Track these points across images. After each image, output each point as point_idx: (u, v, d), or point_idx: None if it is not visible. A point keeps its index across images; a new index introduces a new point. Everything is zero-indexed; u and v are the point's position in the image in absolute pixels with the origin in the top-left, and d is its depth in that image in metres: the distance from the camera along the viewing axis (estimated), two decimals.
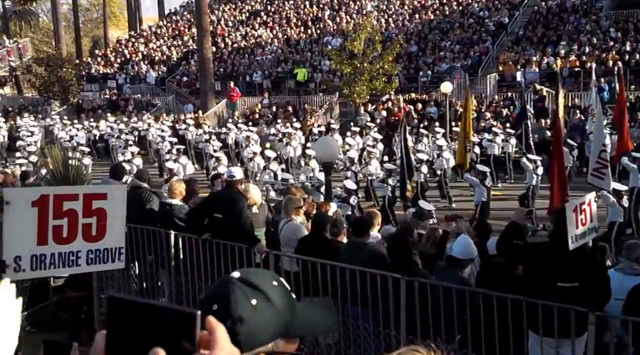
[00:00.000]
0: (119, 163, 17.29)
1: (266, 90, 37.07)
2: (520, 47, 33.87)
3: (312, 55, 40.12)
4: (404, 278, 7.02)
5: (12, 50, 50.92)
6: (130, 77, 44.13)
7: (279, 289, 1.81)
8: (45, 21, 74.83)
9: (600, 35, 32.53)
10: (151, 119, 34.51)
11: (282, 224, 9.23)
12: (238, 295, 1.73)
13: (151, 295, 9.29)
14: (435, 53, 35.74)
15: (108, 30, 63.52)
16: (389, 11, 43.17)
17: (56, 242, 5.54)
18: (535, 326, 6.47)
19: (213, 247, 8.46)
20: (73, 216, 5.64)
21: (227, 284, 1.77)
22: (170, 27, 52.01)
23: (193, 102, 38.67)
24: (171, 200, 9.66)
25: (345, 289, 7.40)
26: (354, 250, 7.98)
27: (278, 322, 1.75)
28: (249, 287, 1.75)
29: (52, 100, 42.63)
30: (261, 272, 1.90)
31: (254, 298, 1.74)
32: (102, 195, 5.89)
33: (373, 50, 31.41)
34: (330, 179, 12.51)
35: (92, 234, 5.77)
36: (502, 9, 38.27)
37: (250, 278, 1.79)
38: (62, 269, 5.76)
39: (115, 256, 5.99)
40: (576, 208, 6.80)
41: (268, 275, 1.86)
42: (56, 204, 5.51)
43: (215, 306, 1.71)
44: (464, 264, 7.83)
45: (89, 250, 5.79)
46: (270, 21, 47.02)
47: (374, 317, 7.39)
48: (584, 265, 6.63)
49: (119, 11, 76.12)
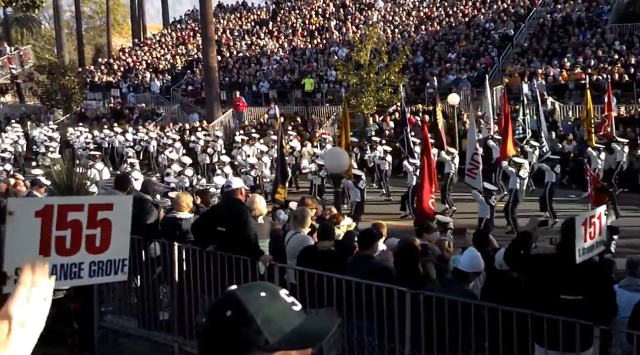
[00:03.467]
0: (124, 174, 17.27)
1: (273, 101, 37.05)
2: (525, 59, 33.83)
3: (318, 65, 40.14)
4: (409, 291, 6.96)
5: (14, 57, 50.83)
6: (134, 86, 44.15)
7: (264, 300, 1.78)
8: (47, 28, 75.04)
9: (606, 48, 32.48)
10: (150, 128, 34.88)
11: (289, 236, 9.12)
12: (245, 295, 1.75)
13: (152, 309, 9.19)
14: (441, 64, 35.73)
15: (111, 38, 63.61)
16: (395, 22, 43.20)
17: (58, 253, 5.46)
18: (541, 339, 6.42)
19: (217, 260, 8.34)
20: (77, 227, 5.56)
21: (232, 292, 1.79)
22: (174, 36, 52.09)
23: (198, 111, 38.65)
24: (178, 213, 9.45)
25: (350, 302, 7.33)
26: (358, 263, 7.92)
27: (253, 335, 1.71)
28: (227, 300, 1.78)
29: (55, 108, 42.59)
30: (254, 285, 1.87)
31: (229, 310, 1.73)
32: (108, 205, 5.81)
33: (379, 61, 31.37)
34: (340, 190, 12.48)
35: (95, 245, 5.69)
36: (507, 21, 38.24)
37: (237, 291, 1.80)
38: (64, 281, 5.68)
39: (118, 268, 5.91)
40: (585, 221, 6.73)
41: (258, 288, 1.83)
42: (60, 215, 5.43)
43: (229, 312, 1.72)
44: (471, 277, 7.75)
45: (92, 261, 5.70)
46: (276, 31, 47.08)
47: (378, 330, 7.32)
48: (589, 279, 6.55)
49: (123, 19, 76.31)
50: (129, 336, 9.50)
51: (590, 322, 6.06)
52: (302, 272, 7.89)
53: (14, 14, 67.88)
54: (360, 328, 7.43)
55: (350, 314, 7.40)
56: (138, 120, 38.48)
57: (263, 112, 36.84)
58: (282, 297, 1.81)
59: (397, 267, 7.70)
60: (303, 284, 7.73)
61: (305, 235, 8.99)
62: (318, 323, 1.84)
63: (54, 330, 9.67)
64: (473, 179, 15.91)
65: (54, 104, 42.21)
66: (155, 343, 9.17)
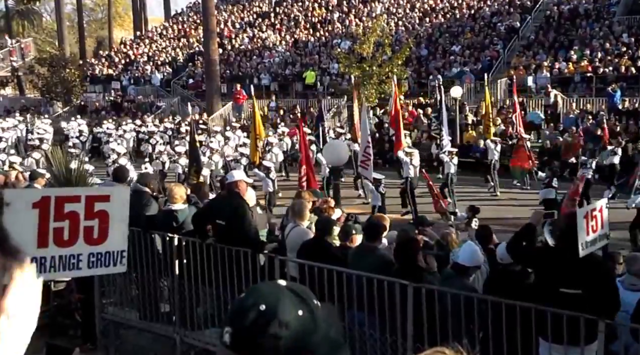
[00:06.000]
0: (121, 165, 17.22)
1: (273, 93, 36.92)
2: (531, 52, 33.65)
3: (320, 58, 40.00)
4: (411, 284, 6.89)
5: (15, 50, 50.75)
6: (135, 79, 44.06)
7: (321, 309, 1.83)
8: (48, 21, 74.89)
9: (613, 40, 32.24)
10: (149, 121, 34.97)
11: (288, 229, 9.06)
12: (287, 302, 1.75)
13: (152, 300, 9.15)
14: (445, 57, 35.60)
15: (112, 30, 63.51)
16: (399, 14, 43.03)
17: (57, 244, 5.42)
18: (545, 333, 6.38)
19: (218, 252, 8.28)
20: (75, 218, 5.53)
21: (277, 289, 1.80)
22: (176, 28, 51.98)
23: (198, 104, 38.58)
24: (173, 205, 9.37)
25: (352, 295, 7.27)
26: (363, 255, 7.85)
27: (316, 339, 1.76)
28: (297, 298, 1.78)
29: (55, 101, 42.53)
30: (305, 288, 1.89)
31: (301, 309, 1.76)
32: (105, 197, 5.77)
33: (382, 54, 31.25)
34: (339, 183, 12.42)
35: (93, 236, 5.66)
36: (513, 13, 38.00)
37: (298, 290, 1.82)
38: (62, 273, 5.64)
39: (117, 259, 5.88)
40: (587, 214, 6.69)
41: (311, 293, 1.86)
42: (57, 206, 5.40)
43: (263, 306, 1.73)
44: (471, 271, 7.70)
45: (91, 253, 5.67)
46: (278, 23, 46.95)
47: (380, 324, 7.26)
48: (590, 273, 6.49)
49: (124, 11, 76.18)
50: (131, 328, 9.51)
51: (594, 317, 5.99)
52: (303, 265, 7.82)
53: (15, 6, 67.81)
54: (362, 321, 7.37)
55: (352, 307, 7.34)
56: (137, 113, 38.41)
57: (264, 104, 36.77)
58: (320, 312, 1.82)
59: (396, 259, 7.63)
60: (304, 277, 7.66)
61: (304, 228, 8.93)
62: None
63: (56, 322, 9.65)
64: (365, 169, 16.62)
65: (54, 96, 42.15)
66: (156, 335, 9.16)
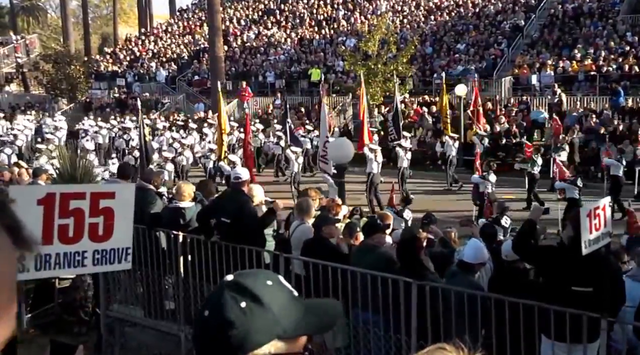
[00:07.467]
0: (126, 162, 17.26)
1: (278, 91, 36.93)
2: (535, 51, 33.58)
3: (325, 55, 39.98)
4: (415, 282, 6.89)
5: (20, 46, 50.84)
6: (140, 76, 44.06)
7: (273, 289, 1.74)
8: (53, 17, 74.97)
9: (617, 39, 32.16)
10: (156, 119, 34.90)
11: (293, 227, 9.05)
12: (227, 299, 1.68)
13: (157, 298, 9.16)
14: (450, 55, 35.56)
15: (118, 27, 63.48)
16: (404, 12, 42.98)
17: (61, 241, 5.42)
18: (548, 331, 6.38)
19: (222, 250, 8.29)
20: (79, 215, 5.53)
21: (218, 289, 1.74)
22: (181, 25, 51.97)
23: (204, 101, 38.56)
24: (180, 203, 9.36)
25: (355, 293, 7.26)
26: (364, 253, 7.84)
27: (271, 324, 1.68)
28: (238, 290, 1.70)
29: (60, 98, 42.53)
30: (255, 273, 1.82)
31: (243, 301, 1.68)
32: (110, 194, 5.77)
33: (387, 52, 31.19)
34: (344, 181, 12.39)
35: (98, 233, 5.65)
36: (518, 12, 37.96)
37: (242, 280, 1.74)
38: (67, 270, 5.64)
39: (122, 256, 5.87)
40: (590, 213, 6.67)
41: (262, 276, 1.78)
42: (62, 203, 5.39)
43: (207, 312, 1.70)
44: (476, 268, 7.69)
45: (95, 250, 5.67)
46: (284, 20, 46.92)
47: (384, 322, 7.25)
48: (599, 271, 6.51)
49: (129, 8, 76.06)
50: (135, 325, 9.51)
51: (597, 314, 5.99)
52: (307, 263, 7.82)
53: (20, 3, 67.89)
54: (366, 319, 7.37)
55: (356, 304, 7.33)
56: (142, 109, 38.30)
57: (269, 102, 36.79)
58: (284, 283, 1.78)
59: (399, 258, 7.63)
60: (308, 274, 7.67)
61: (309, 226, 8.88)
62: (323, 306, 1.84)
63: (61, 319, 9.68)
64: (325, 164, 17.50)
65: (59, 93, 42.15)
66: (161, 332, 9.17)
